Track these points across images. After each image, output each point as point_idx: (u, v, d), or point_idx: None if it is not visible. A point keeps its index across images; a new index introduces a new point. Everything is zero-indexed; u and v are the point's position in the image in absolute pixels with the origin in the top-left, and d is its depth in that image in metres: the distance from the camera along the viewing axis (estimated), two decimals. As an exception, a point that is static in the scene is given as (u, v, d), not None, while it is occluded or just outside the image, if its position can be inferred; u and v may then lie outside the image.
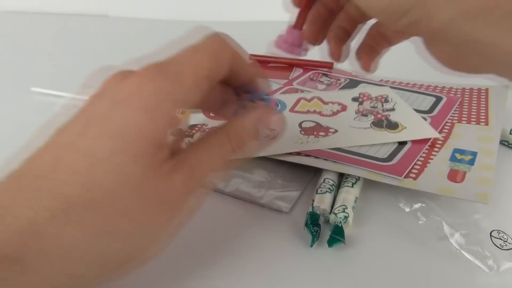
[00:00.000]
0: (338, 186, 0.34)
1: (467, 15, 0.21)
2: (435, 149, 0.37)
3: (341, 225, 0.30)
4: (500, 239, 0.29)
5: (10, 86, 0.51)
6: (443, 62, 0.25)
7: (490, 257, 0.28)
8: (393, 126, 0.39)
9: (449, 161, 0.35)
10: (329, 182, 0.33)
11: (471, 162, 0.35)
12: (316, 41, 0.33)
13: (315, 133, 0.39)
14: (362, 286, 0.27)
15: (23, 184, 0.21)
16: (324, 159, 0.35)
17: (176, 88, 0.23)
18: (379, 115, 0.41)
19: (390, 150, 0.36)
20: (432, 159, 0.35)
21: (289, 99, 0.44)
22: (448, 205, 0.32)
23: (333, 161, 0.35)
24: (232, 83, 0.28)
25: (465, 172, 0.33)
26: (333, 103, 0.44)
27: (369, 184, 0.34)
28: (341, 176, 0.35)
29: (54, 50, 0.62)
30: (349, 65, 0.44)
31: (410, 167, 0.34)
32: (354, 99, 0.44)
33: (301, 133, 0.39)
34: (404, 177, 0.33)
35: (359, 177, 0.34)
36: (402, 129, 0.39)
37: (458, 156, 0.36)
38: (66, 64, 0.57)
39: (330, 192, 0.33)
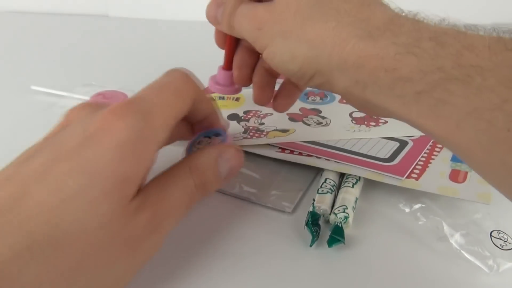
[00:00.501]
0: (339, 187, 0.34)
1: (359, 85, 0.24)
2: (437, 149, 0.37)
3: (341, 225, 0.29)
4: (500, 239, 0.29)
5: (10, 84, 0.51)
6: (356, 108, 0.27)
7: (490, 257, 0.28)
8: None
9: (451, 161, 0.35)
10: (330, 182, 0.33)
11: (472, 163, 0.35)
12: (246, 83, 0.33)
13: (366, 122, 0.40)
14: (362, 286, 0.27)
15: None
16: (326, 159, 0.35)
17: (146, 127, 0.23)
18: None
19: (391, 150, 0.36)
20: (433, 159, 0.35)
21: None
22: (448, 205, 0.32)
23: (335, 161, 0.35)
24: (190, 119, 0.29)
25: (466, 172, 0.33)
26: None
27: (369, 185, 0.34)
28: (342, 177, 0.35)
29: (54, 50, 0.62)
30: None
31: (412, 167, 0.34)
32: None
33: (352, 122, 0.40)
34: (406, 178, 0.33)
35: (359, 178, 0.34)
36: None
37: (459, 156, 0.36)
38: (66, 64, 0.57)
39: (331, 193, 0.33)
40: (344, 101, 0.43)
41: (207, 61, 0.35)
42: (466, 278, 0.27)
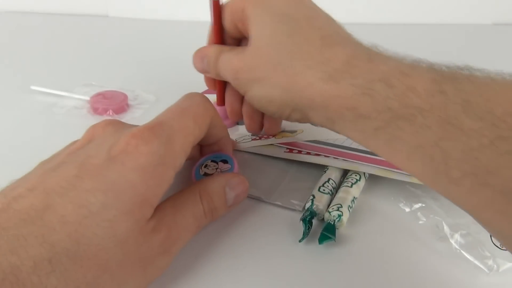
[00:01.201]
0: (339, 187, 0.34)
1: (329, 121, 0.27)
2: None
3: (334, 223, 0.30)
4: (500, 239, 0.29)
5: (10, 84, 0.51)
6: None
7: (490, 257, 0.28)
8: None
9: None
10: (332, 184, 0.33)
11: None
12: (238, 116, 0.36)
13: None
14: (362, 286, 0.27)
15: (7, 227, 0.20)
16: (334, 158, 0.35)
17: (167, 153, 0.24)
18: None
19: None
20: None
21: None
22: (448, 205, 0.32)
23: (343, 159, 0.35)
24: (201, 141, 0.30)
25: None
26: None
27: (369, 184, 0.34)
28: (343, 177, 0.35)
29: (54, 50, 0.62)
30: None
31: None
32: None
33: None
34: None
35: (359, 178, 0.34)
36: None
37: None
38: (66, 64, 0.57)
39: (331, 195, 0.33)
40: None
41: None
42: (466, 278, 0.27)
